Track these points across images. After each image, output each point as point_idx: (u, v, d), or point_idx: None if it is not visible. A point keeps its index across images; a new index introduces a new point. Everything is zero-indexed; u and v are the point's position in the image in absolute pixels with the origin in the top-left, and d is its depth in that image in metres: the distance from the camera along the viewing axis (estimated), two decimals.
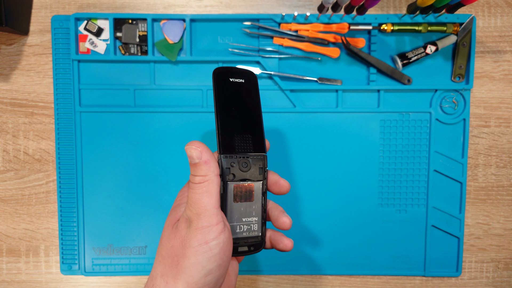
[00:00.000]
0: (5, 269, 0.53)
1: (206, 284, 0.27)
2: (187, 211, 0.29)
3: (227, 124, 0.31)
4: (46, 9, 0.52)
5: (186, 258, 0.27)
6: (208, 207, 0.28)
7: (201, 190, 0.28)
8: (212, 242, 0.27)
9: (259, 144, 0.32)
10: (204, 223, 0.27)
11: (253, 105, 0.34)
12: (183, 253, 0.27)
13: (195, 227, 0.27)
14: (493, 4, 0.52)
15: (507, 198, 0.53)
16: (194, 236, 0.27)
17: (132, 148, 0.51)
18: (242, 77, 0.34)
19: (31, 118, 0.52)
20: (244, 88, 0.34)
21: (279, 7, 0.52)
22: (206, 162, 0.28)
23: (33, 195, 0.52)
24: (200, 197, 0.28)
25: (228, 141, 0.31)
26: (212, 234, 0.27)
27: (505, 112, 0.52)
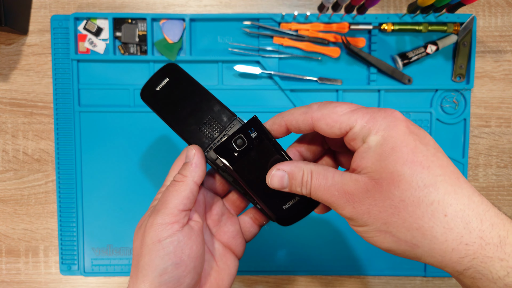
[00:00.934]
0: (4, 270, 0.53)
1: (163, 283, 0.26)
2: (154, 209, 0.29)
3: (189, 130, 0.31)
4: (46, 9, 0.52)
5: (142, 256, 0.27)
6: (170, 205, 0.27)
7: (173, 188, 0.28)
8: (166, 240, 0.27)
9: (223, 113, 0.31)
10: (159, 220, 0.27)
11: (194, 89, 0.32)
12: (141, 252, 0.27)
13: (151, 223, 0.27)
14: (494, 4, 0.52)
15: (508, 198, 0.52)
16: (149, 233, 0.27)
17: (132, 148, 0.51)
18: (164, 77, 0.32)
19: (30, 118, 0.52)
20: (173, 83, 0.32)
21: (279, 6, 0.52)
22: (192, 165, 0.29)
23: (32, 195, 0.52)
24: (168, 194, 0.28)
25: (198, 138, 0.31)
26: (165, 232, 0.27)
27: (506, 112, 0.52)
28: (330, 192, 0.25)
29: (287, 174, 0.27)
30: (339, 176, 0.25)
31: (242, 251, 0.34)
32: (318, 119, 0.26)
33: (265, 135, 0.29)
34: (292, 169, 0.27)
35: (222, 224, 0.33)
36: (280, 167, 0.27)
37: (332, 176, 0.26)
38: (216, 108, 0.31)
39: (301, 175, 0.27)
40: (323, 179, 0.26)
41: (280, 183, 0.27)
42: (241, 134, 0.29)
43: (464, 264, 0.22)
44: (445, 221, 0.22)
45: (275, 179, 0.27)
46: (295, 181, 0.27)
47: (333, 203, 0.26)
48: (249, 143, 0.28)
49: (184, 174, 0.29)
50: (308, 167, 0.27)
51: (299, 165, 0.27)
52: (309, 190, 0.27)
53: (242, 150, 0.28)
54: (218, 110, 0.31)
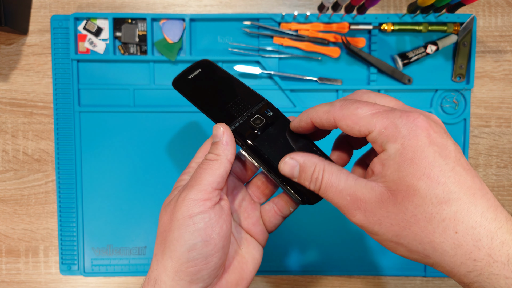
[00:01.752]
0: (4, 270, 0.53)
1: (190, 259, 0.26)
2: (185, 185, 0.28)
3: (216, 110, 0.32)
4: (46, 9, 0.52)
5: (171, 231, 0.27)
6: (204, 182, 0.27)
7: (206, 166, 0.28)
8: (197, 216, 0.26)
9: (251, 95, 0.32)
10: (192, 195, 0.27)
11: (224, 77, 0.34)
12: (170, 227, 0.27)
13: (183, 198, 0.27)
14: (494, 4, 0.52)
15: (508, 198, 0.52)
16: (180, 208, 0.27)
17: (132, 148, 0.51)
18: (197, 68, 0.34)
19: (30, 118, 0.52)
20: (205, 73, 0.34)
21: (279, 6, 0.52)
22: (224, 143, 0.28)
23: (32, 195, 0.52)
24: (202, 172, 0.28)
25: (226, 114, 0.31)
26: (197, 208, 0.26)
27: (506, 112, 0.52)
28: (341, 195, 0.25)
29: (298, 165, 0.27)
30: (352, 180, 0.25)
31: (265, 240, 0.33)
32: (339, 119, 0.25)
33: (280, 114, 0.31)
34: (305, 162, 0.27)
35: (243, 210, 0.33)
36: (293, 156, 0.27)
37: (346, 178, 0.25)
38: (244, 90, 0.33)
39: (312, 170, 0.26)
40: (336, 179, 0.25)
41: (291, 172, 0.27)
42: (258, 115, 0.30)
43: (470, 278, 0.22)
44: (456, 237, 0.22)
45: (286, 167, 0.27)
46: (305, 174, 0.27)
47: (343, 207, 0.25)
48: (266, 121, 0.30)
49: (216, 153, 0.28)
50: (322, 164, 0.26)
51: (312, 159, 0.27)
52: (318, 187, 0.26)
53: (262, 127, 0.30)
54: (246, 92, 0.32)
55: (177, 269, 0.26)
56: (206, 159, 0.28)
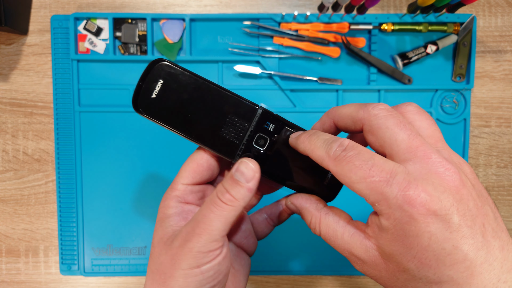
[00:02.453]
0: (4, 270, 0.53)
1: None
2: (187, 226, 0.25)
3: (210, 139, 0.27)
4: (46, 9, 0.52)
5: (174, 278, 0.25)
6: (215, 232, 0.24)
7: (220, 212, 0.24)
8: (205, 266, 0.25)
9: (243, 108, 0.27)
10: (202, 247, 0.24)
11: (198, 87, 0.27)
12: (171, 273, 0.25)
13: (190, 248, 0.24)
14: (494, 4, 0.52)
15: (508, 198, 0.52)
16: (186, 258, 0.24)
17: (132, 148, 0.51)
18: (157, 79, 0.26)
19: (30, 118, 0.52)
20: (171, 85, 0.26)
21: (279, 6, 0.52)
22: (249, 189, 0.25)
23: (32, 195, 0.52)
24: (214, 218, 0.24)
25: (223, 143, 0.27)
26: (207, 258, 0.24)
27: (506, 112, 0.52)
28: (340, 249, 0.25)
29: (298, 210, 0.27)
30: (348, 236, 0.25)
31: (254, 249, 0.33)
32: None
33: (281, 123, 0.27)
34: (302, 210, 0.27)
35: (235, 225, 0.31)
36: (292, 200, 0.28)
37: (342, 233, 0.25)
38: (232, 103, 0.27)
39: (309, 220, 0.26)
40: (332, 234, 0.25)
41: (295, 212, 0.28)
42: (259, 133, 0.27)
43: None
44: None
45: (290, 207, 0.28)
46: (304, 219, 0.27)
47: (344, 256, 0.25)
48: (270, 138, 0.27)
49: (236, 196, 0.25)
50: (318, 215, 0.26)
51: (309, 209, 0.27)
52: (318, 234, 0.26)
53: (268, 147, 0.27)
54: (236, 105, 0.27)
55: None
56: (220, 201, 0.25)
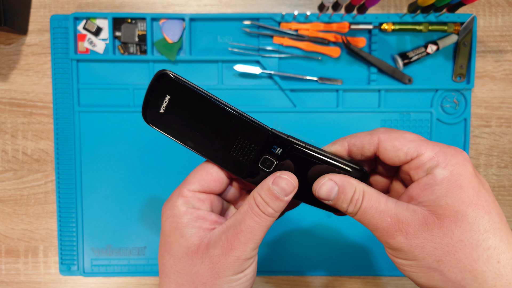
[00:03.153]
0: (4, 270, 0.52)
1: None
2: (229, 235, 0.25)
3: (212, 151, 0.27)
4: (45, 9, 0.51)
5: (217, 286, 0.25)
6: (259, 240, 0.26)
7: (265, 223, 0.26)
8: (247, 270, 0.26)
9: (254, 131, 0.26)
10: (248, 254, 0.25)
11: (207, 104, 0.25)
12: (213, 282, 0.25)
13: (237, 257, 0.25)
14: (494, 4, 0.51)
15: (508, 198, 0.52)
16: (232, 266, 0.25)
17: (131, 148, 0.51)
18: (165, 94, 0.25)
19: (29, 118, 0.52)
20: (178, 102, 0.26)
21: (279, 6, 0.52)
22: (287, 202, 0.26)
23: (32, 195, 0.52)
24: (259, 229, 0.25)
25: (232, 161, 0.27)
26: (249, 263, 0.26)
27: (506, 112, 0.52)
28: (382, 217, 0.24)
29: (337, 186, 0.26)
30: (392, 203, 0.25)
31: None
32: (385, 140, 0.25)
33: (290, 147, 0.27)
34: (344, 183, 0.26)
35: None
36: (332, 177, 0.26)
37: (385, 201, 0.25)
38: (242, 125, 0.26)
39: (353, 192, 0.26)
40: (376, 201, 0.25)
41: (328, 194, 0.26)
42: (266, 155, 0.27)
43: None
44: (497, 267, 0.22)
45: (324, 188, 0.26)
46: (345, 196, 0.26)
47: (382, 230, 0.25)
48: (278, 161, 0.27)
49: (276, 209, 0.26)
50: (361, 186, 0.26)
51: (352, 181, 0.26)
52: (357, 209, 0.25)
53: (274, 169, 0.27)
54: (245, 127, 0.26)
55: None
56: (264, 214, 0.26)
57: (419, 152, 0.24)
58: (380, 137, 0.26)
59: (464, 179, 0.23)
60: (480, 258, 0.22)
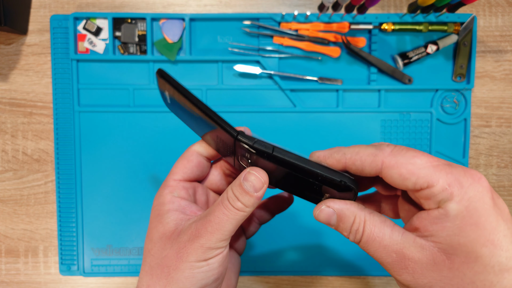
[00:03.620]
0: (4, 270, 0.53)
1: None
2: (198, 223, 0.26)
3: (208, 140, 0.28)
4: (45, 9, 0.51)
5: (179, 270, 0.25)
6: (226, 233, 0.25)
7: (233, 217, 0.25)
8: (211, 260, 0.26)
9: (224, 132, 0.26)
10: (212, 244, 0.25)
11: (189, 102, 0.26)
12: (177, 265, 0.25)
13: (201, 244, 0.25)
14: (494, 4, 0.51)
15: (508, 198, 0.52)
16: (195, 252, 0.25)
17: (132, 148, 0.51)
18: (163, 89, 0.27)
19: (29, 118, 0.52)
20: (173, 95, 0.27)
21: (279, 6, 0.52)
22: (257, 198, 0.25)
23: (32, 195, 0.52)
24: (227, 221, 0.25)
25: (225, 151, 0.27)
26: (214, 253, 0.26)
27: (506, 112, 0.52)
28: (387, 252, 0.23)
29: (336, 214, 0.25)
30: (398, 235, 0.23)
31: (243, 248, 0.34)
32: (390, 166, 0.22)
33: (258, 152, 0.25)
34: (343, 211, 0.24)
35: None
36: (330, 204, 0.25)
37: (390, 232, 0.23)
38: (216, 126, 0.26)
39: (352, 221, 0.24)
40: (379, 233, 0.23)
41: (327, 220, 0.25)
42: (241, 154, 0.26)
43: None
44: None
45: (322, 214, 0.25)
46: (343, 225, 0.24)
47: (387, 265, 0.23)
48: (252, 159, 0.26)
49: (247, 204, 0.25)
50: (362, 214, 0.24)
51: (351, 209, 0.24)
52: (358, 239, 0.24)
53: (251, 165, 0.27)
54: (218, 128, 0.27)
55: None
56: (233, 207, 0.25)
57: (430, 182, 0.21)
58: (385, 162, 0.23)
59: (481, 216, 0.21)
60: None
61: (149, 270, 0.27)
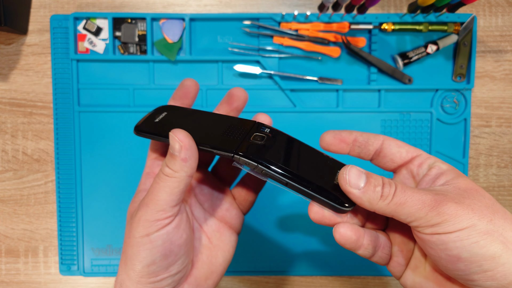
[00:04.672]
0: (4, 270, 0.53)
1: (151, 272, 0.26)
2: (142, 200, 0.27)
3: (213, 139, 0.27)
4: (45, 9, 0.51)
5: (130, 247, 0.26)
6: (161, 202, 0.25)
7: (164, 184, 0.25)
8: (154, 235, 0.26)
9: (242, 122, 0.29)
10: (148, 216, 0.25)
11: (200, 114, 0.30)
12: (128, 242, 0.26)
13: (139, 218, 0.26)
14: (494, 4, 0.51)
15: (508, 198, 0.52)
16: (136, 227, 0.26)
17: (132, 148, 0.51)
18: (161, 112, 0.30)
19: (29, 118, 0.52)
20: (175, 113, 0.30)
21: (279, 6, 0.52)
22: (183, 159, 0.25)
23: (32, 195, 0.52)
24: (159, 190, 0.26)
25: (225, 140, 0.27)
26: (154, 227, 0.26)
27: (506, 112, 0.52)
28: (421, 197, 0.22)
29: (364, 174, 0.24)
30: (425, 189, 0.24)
31: (240, 224, 0.33)
32: (389, 140, 0.27)
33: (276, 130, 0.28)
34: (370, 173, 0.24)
35: (215, 198, 0.32)
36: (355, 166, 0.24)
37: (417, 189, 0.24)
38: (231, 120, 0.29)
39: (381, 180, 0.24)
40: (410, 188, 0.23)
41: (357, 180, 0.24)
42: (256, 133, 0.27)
43: None
44: None
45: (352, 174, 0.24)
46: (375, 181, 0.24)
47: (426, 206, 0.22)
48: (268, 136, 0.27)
49: (174, 168, 0.25)
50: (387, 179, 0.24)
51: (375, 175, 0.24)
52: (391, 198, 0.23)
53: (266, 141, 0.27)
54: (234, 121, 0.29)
55: (138, 280, 0.26)
56: (163, 174, 0.26)
57: (418, 153, 0.27)
58: (385, 138, 0.28)
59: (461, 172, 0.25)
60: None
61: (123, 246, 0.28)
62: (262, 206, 0.51)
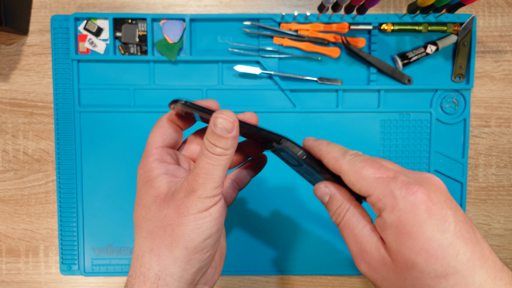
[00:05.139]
0: (5, 269, 0.53)
1: (205, 247, 0.27)
2: (189, 179, 0.27)
3: None
4: (46, 9, 0.52)
5: (183, 225, 0.26)
6: (217, 179, 0.26)
7: (218, 163, 0.26)
8: (213, 208, 0.27)
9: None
10: (208, 193, 0.26)
11: None
12: (180, 221, 0.26)
13: (198, 196, 0.26)
14: (494, 4, 0.52)
15: (508, 198, 0.53)
16: (194, 204, 0.26)
17: (132, 148, 0.51)
18: None
19: (30, 118, 0.52)
20: None
21: (279, 6, 0.52)
22: (233, 137, 0.26)
23: (33, 195, 0.52)
24: (214, 169, 0.26)
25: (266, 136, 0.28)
26: (212, 201, 0.27)
27: (506, 112, 0.52)
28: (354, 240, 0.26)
29: (329, 195, 0.28)
30: (368, 231, 0.26)
31: (233, 200, 0.34)
32: (344, 172, 0.26)
33: None
34: (335, 195, 0.28)
35: None
36: (328, 185, 0.28)
37: (363, 227, 0.26)
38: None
39: (338, 206, 0.27)
40: (354, 223, 0.26)
41: (322, 197, 0.29)
42: None
43: None
44: None
45: (319, 191, 0.29)
46: (331, 206, 0.28)
47: (352, 253, 0.26)
48: None
49: (225, 147, 0.26)
50: (347, 204, 0.27)
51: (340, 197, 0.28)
52: (338, 222, 0.27)
53: None
54: None
55: (190, 258, 0.26)
56: (214, 154, 0.26)
57: (368, 192, 0.25)
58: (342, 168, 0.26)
59: (413, 226, 0.22)
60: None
61: (149, 234, 0.27)
62: (263, 206, 0.52)
